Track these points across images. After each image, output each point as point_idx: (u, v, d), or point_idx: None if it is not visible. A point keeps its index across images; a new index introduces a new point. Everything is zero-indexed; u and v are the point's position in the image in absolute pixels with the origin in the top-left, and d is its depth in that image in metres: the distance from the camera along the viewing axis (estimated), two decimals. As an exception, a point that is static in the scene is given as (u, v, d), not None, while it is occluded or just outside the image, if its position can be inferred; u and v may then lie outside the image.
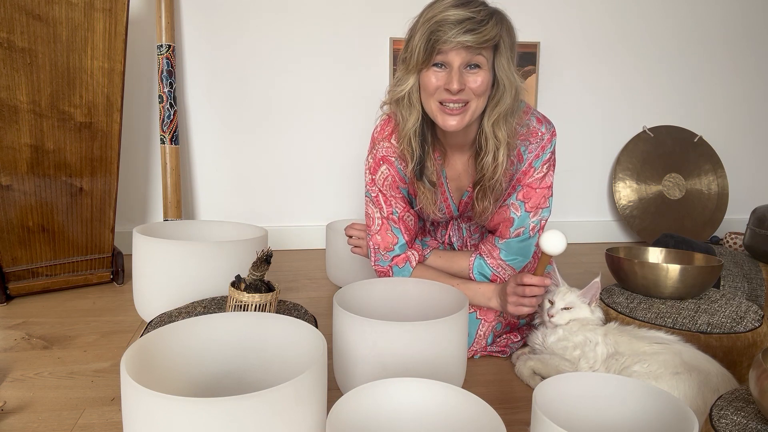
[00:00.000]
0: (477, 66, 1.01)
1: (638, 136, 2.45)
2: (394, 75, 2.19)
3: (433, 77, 1.02)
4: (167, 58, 1.96)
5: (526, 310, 1.10)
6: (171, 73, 1.98)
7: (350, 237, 1.44)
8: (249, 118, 2.17)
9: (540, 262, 1.05)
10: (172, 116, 2.00)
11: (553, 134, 1.16)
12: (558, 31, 2.32)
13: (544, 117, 1.17)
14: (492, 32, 0.97)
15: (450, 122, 1.04)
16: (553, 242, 0.99)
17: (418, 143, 1.12)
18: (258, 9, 2.10)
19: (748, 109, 2.55)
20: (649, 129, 2.45)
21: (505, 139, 1.07)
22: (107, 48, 1.58)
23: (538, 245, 1.02)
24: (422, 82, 1.05)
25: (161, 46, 1.96)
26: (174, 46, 1.99)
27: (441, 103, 1.04)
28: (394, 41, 2.17)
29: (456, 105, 1.03)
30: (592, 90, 2.40)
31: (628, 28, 2.38)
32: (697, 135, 2.48)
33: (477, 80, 1.01)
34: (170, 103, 1.99)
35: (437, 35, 0.97)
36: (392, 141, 1.17)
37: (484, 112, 1.08)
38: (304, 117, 2.21)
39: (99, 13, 1.55)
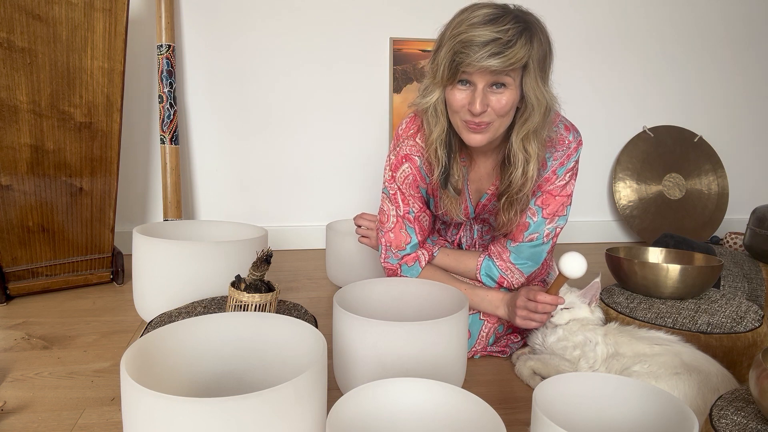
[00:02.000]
0: (503, 85, 0.98)
1: (638, 136, 2.45)
2: (393, 76, 2.20)
3: (458, 95, 1.00)
4: (167, 58, 1.96)
5: (534, 325, 1.10)
6: (171, 73, 1.98)
7: (359, 227, 1.43)
8: (249, 117, 2.17)
9: (555, 282, 1.04)
10: (172, 116, 2.00)
11: (580, 143, 1.14)
12: (558, 30, 2.31)
13: (572, 125, 1.15)
14: (519, 54, 0.93)
15: (474, 138, 1.03)
16: (573, 266, 0.97)
17: (444, 152, 1.10)
18: (258, 9, 2.10)
19: (749, 109, 2.55)
20: (649, 129, 2.45)
21: (536, 153, 1.05)
22: (107, 48, 1.58)
23: (557, 266, 1.01)
24: (447, 99, 1.03)
25: (161, 46, 1.96)
26: (174, 46, 1.99)
27: (465, 120, 1.02)
28: (394, 41, 2.17)
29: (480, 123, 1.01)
30: (592, 90, 2.40)
31: (628, 28, 2.38)
32: (697, 135, 2.48)
33: (501, 100, 0.98)
34: (170, 103, 1.99)
35: (461, 57, 0.94)
36: (417, 140, 1.16)
37: (512, 126, 1.06)
38: (304, 117, 2.21)
39: (99, 13, 1.55)
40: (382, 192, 1.24)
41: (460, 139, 1.13)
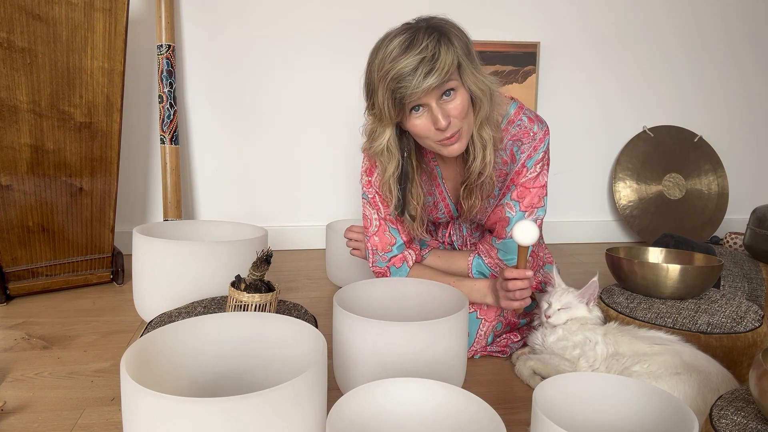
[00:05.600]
0: (451, 90, 0.98)
1: (638, 136, 2.45)
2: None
3: (418, 122, 1.00)
4: (167, 58, 1.96)
5: (516, 305, 1.09)
6: (171, 73, 1.98)
7: (349, 240, 1.45)
8: (249, 118, 2.17)
9: (518, 254, 1.05)
10: (172, 116, 2.00)
11: (546, 133, 1.15)
12: (558, 30, 2.32)
13: (537, 116, 1.16)
14: (449, 59, 0.94)
15: (452, 149, 1.04)
16: (524, 233, 0.99)
17: (398, 186, 1.12)
18: (258, 9, 2.10)
19: (749, 108, 2.55)
20: (649, 129, 2.45)
21: (490, 136, 1.07)
22: (107, 48, 1.58)
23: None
24: (410, 130, 1.04)
25: (161, 46, 1.96)
26: (174, 46, 1.99)
27: (438, 140, 1.03)
28: (394, 41, 2.17)
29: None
30: (592, 90, 2.40)
31: (628, 28, 2.38)
32: (697, 135, 2.48)
33: (457, 106, 0.99)
34: (170, 103, 1.99)
35: (401, 92, 0.94)
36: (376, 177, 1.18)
37: None
38: (305, 117, 2.21)
39: (99, 13, 1.55)
40: (362, 198, 1.25)
41: (418, 155, 1.15)
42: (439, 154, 1.18)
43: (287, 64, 2.16)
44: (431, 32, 0.95)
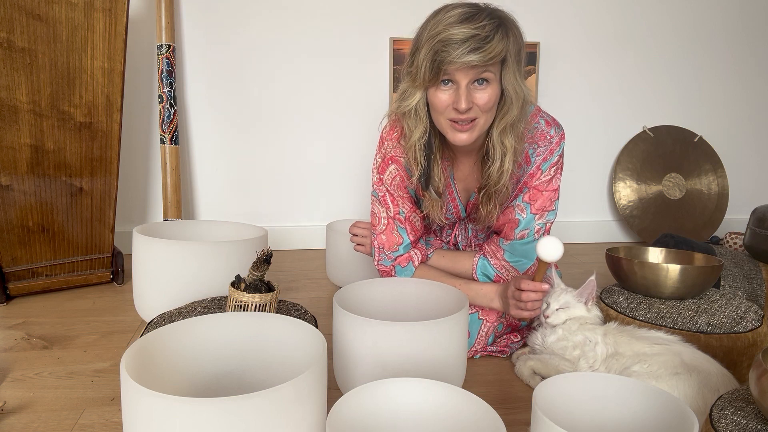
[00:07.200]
0: (485, 81, 0.99)
1: (638, 136, 2.45)
2: (393, 76, 2.20)
3: (442, 96, 1.01)
4: (167, 58, 1.96)
5: (526, 314, 1.10)
6: (171, 73, 1.98)
7: (354, 235, 1.44)
8: (249, 117, 2.17)
9: (538, 268, 1.05)
10: (172, 116, 2.00)
11: (562, 137, 1.15)
12: (558, 30, 2.32)
13: (554, 120, 1.16)
14: (498, 48, 0.95)
15: (460, 137, 1.04)
16: (549, 249, 0.99)
17: (424, 154, 1.11)
18: (258, 9, 2.10)
19: (749, 108, 2.55)
20: (649, 129, 2.45)
21: (512, 146, 1.07)
22: (107, 48, 1.58)
23: (536, 251, 1.02)
24: (431, 100, 1.04)
25: (161, 46, 1.96)
26: (174, 46, 1.99)
27: (450, 119, 1.03)
28: (394, 41, 2.17)
29: (465, 122, 1.02)
30: (592, 90, 2.40)
31: (628, 28, 2.38)
32: (697, 135, 2.48)
33: (484, 97, 1.00)
34: (170, 103, 1.99)
35: (442, 56, 0.95)
36: (401, 142, 1.17)
37: (492, 122, 1.07)
38: (304, 117, 2.21)
39: (99, 13, 1.55)
40: (372, 195, 1.25)
41: (441, 140, 1.14)
42: (451, 152, 1.18)
43: (287, 63, 2.16)
44: (493, 17, 0.97)
